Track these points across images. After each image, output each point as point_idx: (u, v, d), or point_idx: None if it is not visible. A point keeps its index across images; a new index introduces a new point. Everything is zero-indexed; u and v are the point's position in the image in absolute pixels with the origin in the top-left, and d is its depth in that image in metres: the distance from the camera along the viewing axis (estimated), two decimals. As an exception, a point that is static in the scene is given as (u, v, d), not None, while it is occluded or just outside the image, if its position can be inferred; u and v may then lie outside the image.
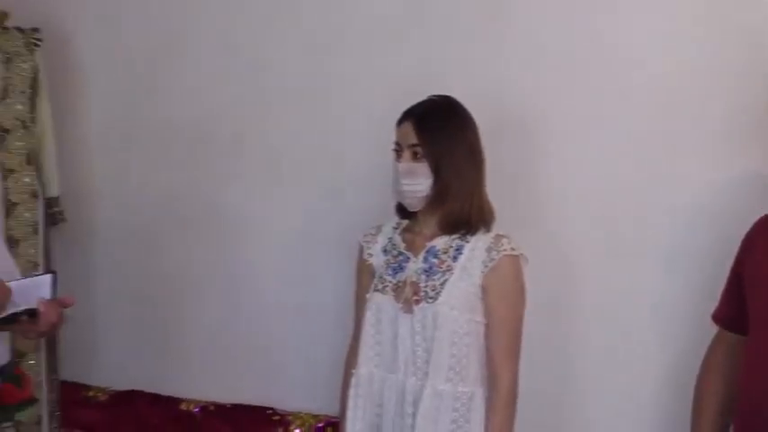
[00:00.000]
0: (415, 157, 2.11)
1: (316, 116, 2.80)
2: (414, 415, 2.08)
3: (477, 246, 2.12)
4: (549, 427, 2.49)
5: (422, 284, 2.11)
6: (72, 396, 3.13)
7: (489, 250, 2.10)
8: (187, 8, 3.00)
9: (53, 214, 3.08)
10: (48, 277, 2.09)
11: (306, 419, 2.79)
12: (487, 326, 2.11)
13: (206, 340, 3.03)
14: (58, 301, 2.06)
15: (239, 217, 2.96)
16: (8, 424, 2.78)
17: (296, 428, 2.78)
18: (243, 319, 2.96)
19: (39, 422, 2.96)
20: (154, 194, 3.10)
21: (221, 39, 2.95)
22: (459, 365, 2.08)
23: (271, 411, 2.85)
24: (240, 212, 2.96)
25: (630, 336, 2.43)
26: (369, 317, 2.18)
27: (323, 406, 2.73)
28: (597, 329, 2.47)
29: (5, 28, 2.97)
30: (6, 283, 1.99)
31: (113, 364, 3.19)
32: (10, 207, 2.90)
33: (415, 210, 2.17)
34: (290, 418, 2.81)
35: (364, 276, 2.29)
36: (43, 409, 2.97)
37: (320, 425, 2.75)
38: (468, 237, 2.13)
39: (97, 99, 3.20)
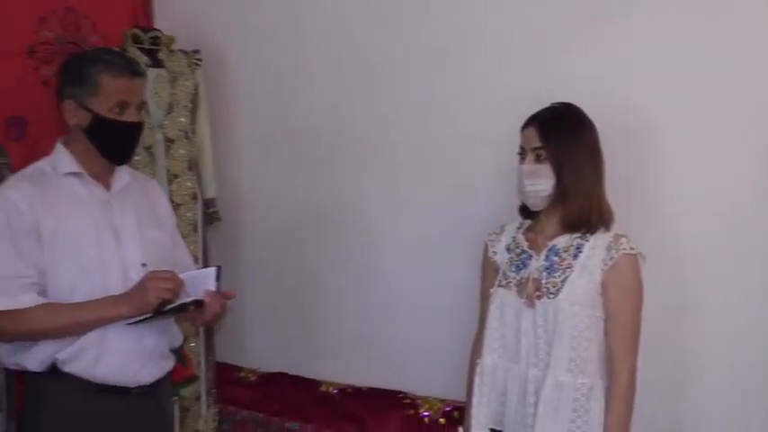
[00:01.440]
0: (538, 159, 2.15)
1: (445, 122, 2.87)
2: (535, 404, 2.11)
3: (596, 244, 2.14)
4: (666, 421, 2.49)
5: (543, 281, 2.15)
6: (226, 376, 3.33)
7: (609, 249, 2.12)
8: (324, 29, 3.15)
9: (210, 214, 3.30)
10: (213, 270, 2.22)
11: (434, 403, 2.86)
12: (606, 321, 2.13)
13: (343, 329, 3.17)
14: (221, 294, 2.21)
15: (372, 216, 3.07)
16: (173, 398, 3.06)
17: (425, 411, 2.85)
18: (376, 310, 3.08)
19: (198, 398, 3.19)
20: (296, 196, 3.27)
21: (354, 53, 3.07)
22: (579, 358, 2.09)
23: (402, 395, 2.95)
24: (373, 212, 3.07)
25: (748, 337, 2.40)
26: (493, 310, 2.23)
27: (449, 391, 2.81)
28: (714, 329, 2.44)
29: (172, 51, 3.22)
30: (179, 275, 2.16)
31: (262, 349, 3.38)
32: (174, 208, 3.03)
33: (538, 209, 2.21)
34: (419, 401, 2.89)
35: (489, 273, 2.34)
36: (202, 386, 3.19)
37: (447, 408, 2.81)
38: (588, 236, 2.15)
39: (247, 111, 3.40)
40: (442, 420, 2.83)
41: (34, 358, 2.14)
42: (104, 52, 2.30)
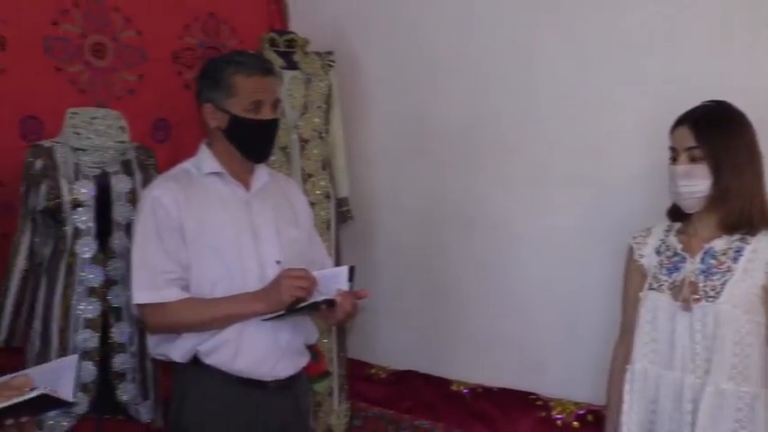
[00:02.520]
0: (692, 159, 2.06)
1: (585, 119, 2.78)
2: (693, 412, 2.02)
3: (758, 247, 2.04)
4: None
5: (700, 284, 2.05)
6: (357, 372, 3.35)
7: None
8: (457, 28, 3.11)
9: (343, 213, 3.32)
10: (346, 270, 2.22)
11: (567, 406, 2.77)
12: None
13: (475, 328, 3.11)
14: (353, 293, 2.21)
15: (507, 215, 3.00)
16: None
17: (557, 414, 2.77)
18: (509, 309, 3.01)
19: (330, 393, 3.21)
20: (428, 195, 3.24)
21: (489, 53, 3.02)
22: (742, 365, 2.00)
23: (534, 396, 2.87)
24: (508, 211, 3.00)
25: None
26: (644, 314, 2.14)
27: (583, 394, 2.72)
28: None
29: (306, 53, 3.25)
30: (312, 274, 2.17)
31: (392, 346, 3.37)
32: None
33: (692, 211, 2.11)
34: (552, 403, 2.81)
35: (634, 276, 2.25)
36: (334, 382, 3.21)
37: (581, 412, 2.72)
38: (749, 238, 2.05)
39: (379, 111, 3.40)
40: (575, 424, 2.74)
41: (178, 350, 2.22)
42: (236, 54, 2.36)
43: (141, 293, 2.18)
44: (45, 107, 2.84)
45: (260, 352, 2.21)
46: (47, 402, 1.60)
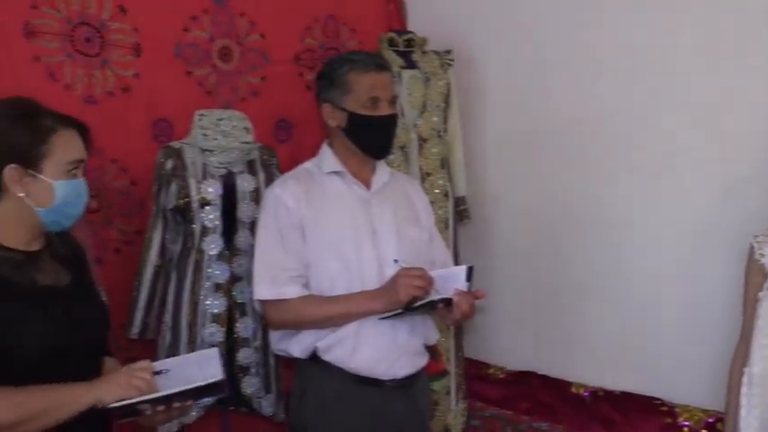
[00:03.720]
0: None
1: (707, 117, 2.70)
2: None
3: None
4: None
5: None
6: (474, 372, 3.34)
7: None
8: (574, 24, 3.05)
9: (460, 212, 3.30)
10: (464, 269, 2.18)
11: (694, 413, 2.69)
12: None
13: (595, 329, 3.05)
14: (471, 293, 2.18)
15: (628, 214, 2.94)
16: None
17: (684, 420, 2.69)
18: (631, 311, 2.93)
19: (448, 392, 3.20)
20: (547, 194, 3.19)
21: (609, 49, 2.95)
22: None
23: (658, 401, 2.79)
24: (629, 209, 2.93)
25: None
26: (763, 315, 2.07)
27: (712, 401, 2.62)
28: None
29: (425, 52, 3.25)
30: (429, 273, 2.16)
31: (510, 347, 3.34)
32: None
33: None
34: (677, 410, 2.73)
35: (754, 276, 2.18)
36: (452, 381, 3.20)
37: (710, 420, 2.63)
38: None
39: (496, 110, 3.37)
40: (703, 432, 2.64)
41: (297, 345, 2.25)
42: (351, 53, 2.38)
43: (263, 290, 2.22)
44: (175, 110, 2.93)
45: (377, 350, 2.22)
46: (211, 389, 1.71)
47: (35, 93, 2.48)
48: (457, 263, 3.18)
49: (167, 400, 1.66)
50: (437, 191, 3.20)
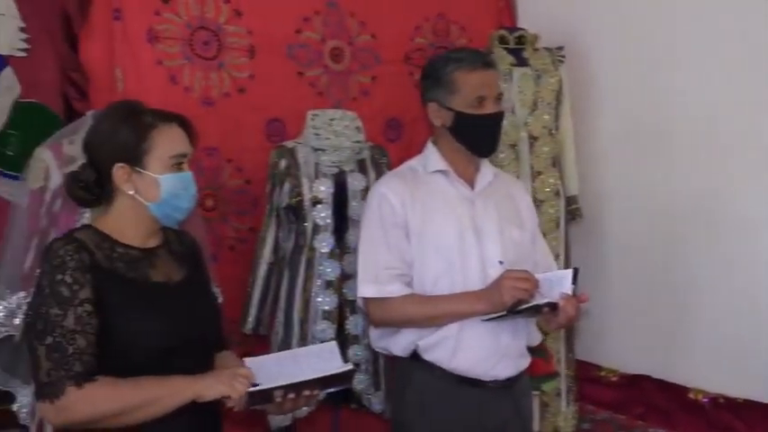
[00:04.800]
0: None
1: None
2: None
3: None
4: None
5: None
6: (585, 374, 3.24)
7: None
8: (693, 19, 2.94)
9: (572, 211, 3.21)
10: (569, 273, 2.13)
11: None
12: None
13: (714, 332, 2.91)
14: (576, 297, 2.11)
15: (745, 211, 2.82)
16: (534, 393, 3.03)
17: None
18: (755, 315, 2.79)
19: (558, 394, 3.13)
20: (662, 192, 3.07)
21: (727, 44, 2.83)
22: None
23: None
24: (746, 207, 2.81)
25: None
26: None
27: None
28: None
29: (536, 49, 3.18)
30: (535, 276, 2.10)
31: (623, 349, 3.21)
32: (537, 204, 3.00)
33: None
34: None
35: None
36: (562, 383, 3.12)
37: None
38: None
39: (610, 107, 3.26)
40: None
41: (398, 344, 2.23)
42: (455, 51, 2.33)
43: (366, 288, 2.21)
44: (287, 110, 2.97)
45: (479, 351, 2.18)
46: (338, 379, 1.75)
47: (157, 95, 2.61)
48: (567, 262, 3.14)
49: (299, 388, 1.69)
50: (548, 189, 3.13)
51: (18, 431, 2.59)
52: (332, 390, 1.78)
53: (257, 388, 1.65)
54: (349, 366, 1.72)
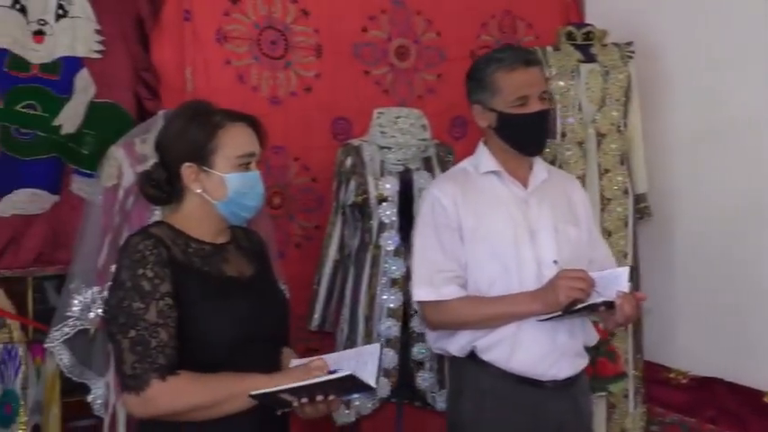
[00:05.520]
0: None
1: None
2: None
3: None
4: None
5: None
6: (654, 376, 3.15)
7: None
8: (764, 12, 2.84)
9: (640, 209, 3.13)
10: (625, 271, 2.08)
11: None
12: None
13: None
14: (633, 295, 2.06)
15: None
16: (602, 394, 2.97)
17: None
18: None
19: (626, 395, 3.05)
20: (736, 190, 2.98)
21: None
22: None
23: None
24: None
25: None
26: None
27: None
28: None
29: (605, 45, 3.11)
30: (590, 275, 2.05)
31: (693, 350, 3.12)
32: (604, 203, 3.03)
33: None
34: None
35: None
36: (630, 384, 3.04)
37: None
38: None
39: (681, 103, 3.17)
40: None
41: (455, 344, 2.20)
42: (497, 51, 2.27)
43: (421, 290, 2.19)
44: (353, 108, 2.98)
45: (536, 352, 2.13)
46: (352, 384, 1.67)
47: (225, 95, 2.63)
48: (636, 261, 3.07)
49: (309, 392, 1.65)
50: (616, 188, 3.06)
51: (92, 421, 2.66)
52: (355, 396, 1.72)
53: (260, 391, 1.62)
54: (347, 373, 1.62)
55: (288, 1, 2.89)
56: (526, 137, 2.19)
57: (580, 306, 2.02)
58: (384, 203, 2.65)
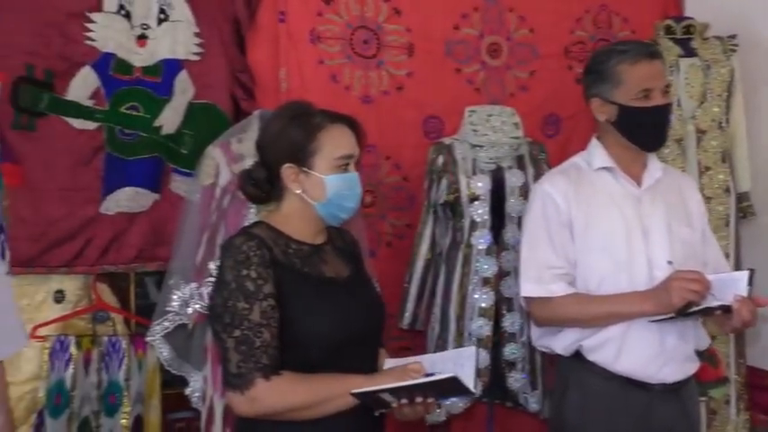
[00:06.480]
0: None
1: None
2: None
3: None
4: None
5: None
6: (758, 381, 3.03)
7: None
8: None
9: (743, 208, 3.02)
10: (745, 274, 2.01)
11: None
12: None
13: None
14: (752, 300, 1.99)
15: None
16: (703, 399, 2.87)
17: None
18: None
19: (727, 401, 2.95)
20: None
21: None
22: None
23: None
24: None
25: None
26: None
27: None
28: None
29: (705, 38, 3.01)
30: (706, 277, 1.99)
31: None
32: (705, 201, 2.83)
33: None
34: None
35: None
36: (732, 390, 2.94)
37: None
38: None
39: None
40: None
41: (560, 342, 2.17)
42: (619, 44, 2.25)
43: (529, 286, 2.17)
44: (445, 107, 2.96)
45: (644, 354, 2.08)
46: (453, 387, 1.66)
47: (319, 94, 2.65)
48: (738, 262, 2.95)
49: (409, 393, 1.64)
50: (717, 186, 2.96)
51: (190, 414, 2.73)
52: (454, 400, 1.69)
53: (362, 389, 1.62)
54: (450, 375, 1.62)
55: (380, 0, 2.89)
56: (647, 131, 2.15)
57: (695, 309, 1.97)
58: (476, 202, 2.63)
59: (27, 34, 2.52)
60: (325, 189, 1.75)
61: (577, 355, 2.14)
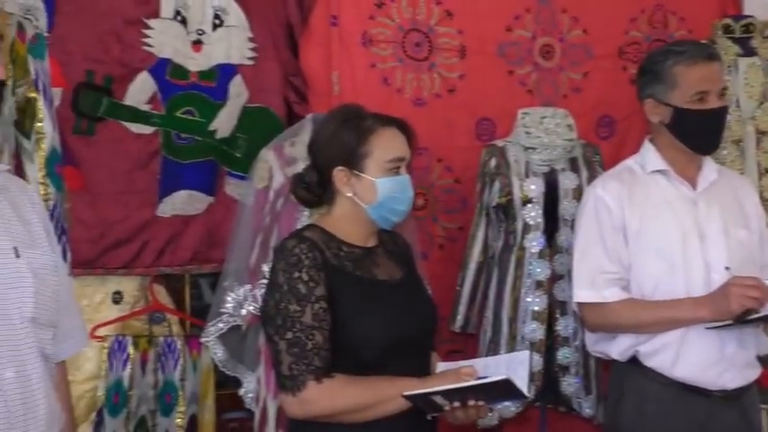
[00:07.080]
0: None
1: None
2: None
3: None
4: None
5: None
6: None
7: None
8: None
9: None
10: None
11: None
12: None
13: None
14: None
15: None
16: (765, 406, 2.78)
17: None
18: None
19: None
20: None
21: None
22: None
23: None
24: None
25: None
26: None
27: None
28: None
29: (766, 37, 2.92)
30: (766, 283, 1.96)
31: None
32: (764, 205, 2.85)
33: None
34: None
35: None
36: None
37: None
38: None
39: None
40: None
41: (616, 348, 2.14)
42: (675, 45, 2.22)
43: (582, 292, 2.15)
44: (497, 109, 2.94)
45: (702, 360, 2.04)
46: (506, 390, 1.65)
47: (370, 97, 2.66)
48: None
49: (461, 396, 1.63)
50: (791, 187, 2.88)
51: (244, 414, 2.75)
52: (506, 404, 1.66)
53: (414, 391, 1.61)
54: (503, 377, 1.60)
55: (432, 3, 2.89)
56: (702, 134, 2.12)
57: (754, 316, 1.93)
58: (529, 205, 2.61)
59: (88, 41, 2.59)
60: (376, 192, 1.76)
61: (634, 361, 2.12)
